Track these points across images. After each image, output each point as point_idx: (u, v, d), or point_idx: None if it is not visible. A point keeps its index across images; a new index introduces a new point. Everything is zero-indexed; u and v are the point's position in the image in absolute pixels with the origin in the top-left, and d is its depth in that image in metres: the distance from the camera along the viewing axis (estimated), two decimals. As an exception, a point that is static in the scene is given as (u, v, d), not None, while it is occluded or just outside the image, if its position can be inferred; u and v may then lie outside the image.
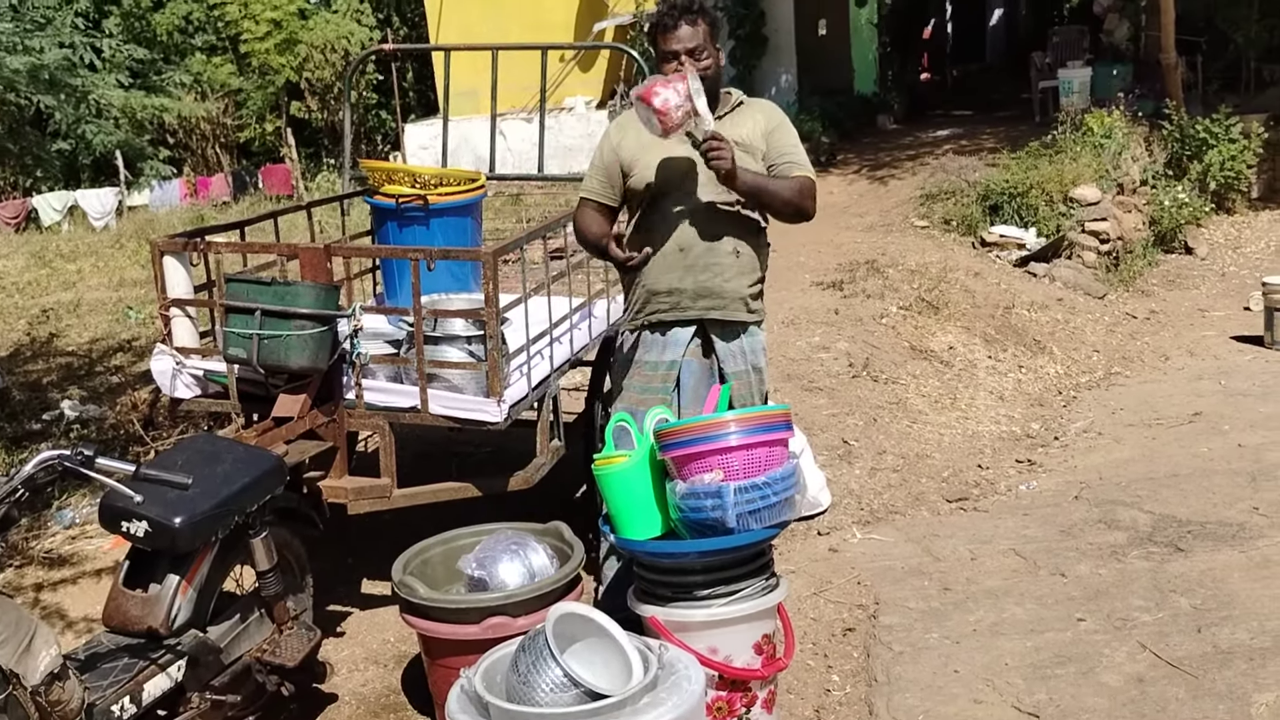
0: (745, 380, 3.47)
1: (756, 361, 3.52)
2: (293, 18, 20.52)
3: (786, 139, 3.44)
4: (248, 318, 3.48)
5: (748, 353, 3.50)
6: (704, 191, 3.37)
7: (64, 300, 10.14)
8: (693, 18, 3.31)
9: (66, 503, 5.00)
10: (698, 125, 3.16)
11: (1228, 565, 3.83)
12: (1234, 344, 7.37)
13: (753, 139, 3.38)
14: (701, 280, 3.39)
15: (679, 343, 3.46)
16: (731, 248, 3.39)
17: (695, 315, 3.43)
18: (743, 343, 3.49)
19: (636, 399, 3.46)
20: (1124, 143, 10.26)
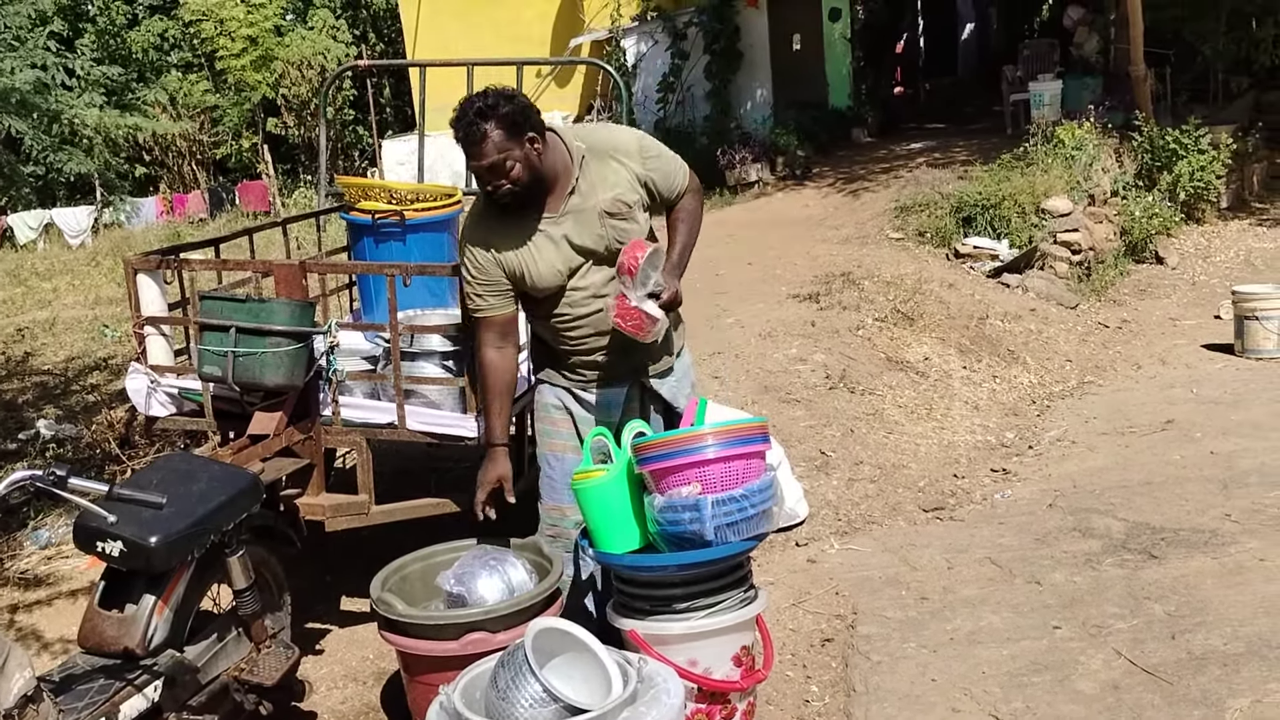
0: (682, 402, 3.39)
1: (690, 377, 3.48)
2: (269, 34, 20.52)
3: (656, 167, 3.19)
4: (223, 335, 3.48)
5: (681, 378, 3.42)
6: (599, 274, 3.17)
7: (39, 319, 10.08)
8: (479, 132, 2.98)
9: (42, 523, 4.96)
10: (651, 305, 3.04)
11: (1201, 572, 3.87)
12: (1205, 352, 7.45)
13: (625, 197, 3.13)
14: (629, 353, 3.26)
15: (614, 404, 3.32)
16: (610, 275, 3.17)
17: (629, 376, 3.33)
18: (676, 372, 3.40)
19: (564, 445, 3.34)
20: (1094, 154, 10.36)
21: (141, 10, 23.20)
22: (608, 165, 3.16)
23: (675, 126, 14.42)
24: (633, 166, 3.17)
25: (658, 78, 14.78)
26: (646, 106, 14.62)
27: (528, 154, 3.02)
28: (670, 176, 3.25)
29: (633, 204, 3.16)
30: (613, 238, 3.14)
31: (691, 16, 14.61)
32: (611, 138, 3.23)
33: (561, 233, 3.13)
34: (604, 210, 3.12)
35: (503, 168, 3.00)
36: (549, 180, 3.10)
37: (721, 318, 7.35)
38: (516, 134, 3.00)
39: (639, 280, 3.01)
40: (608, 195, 3.13)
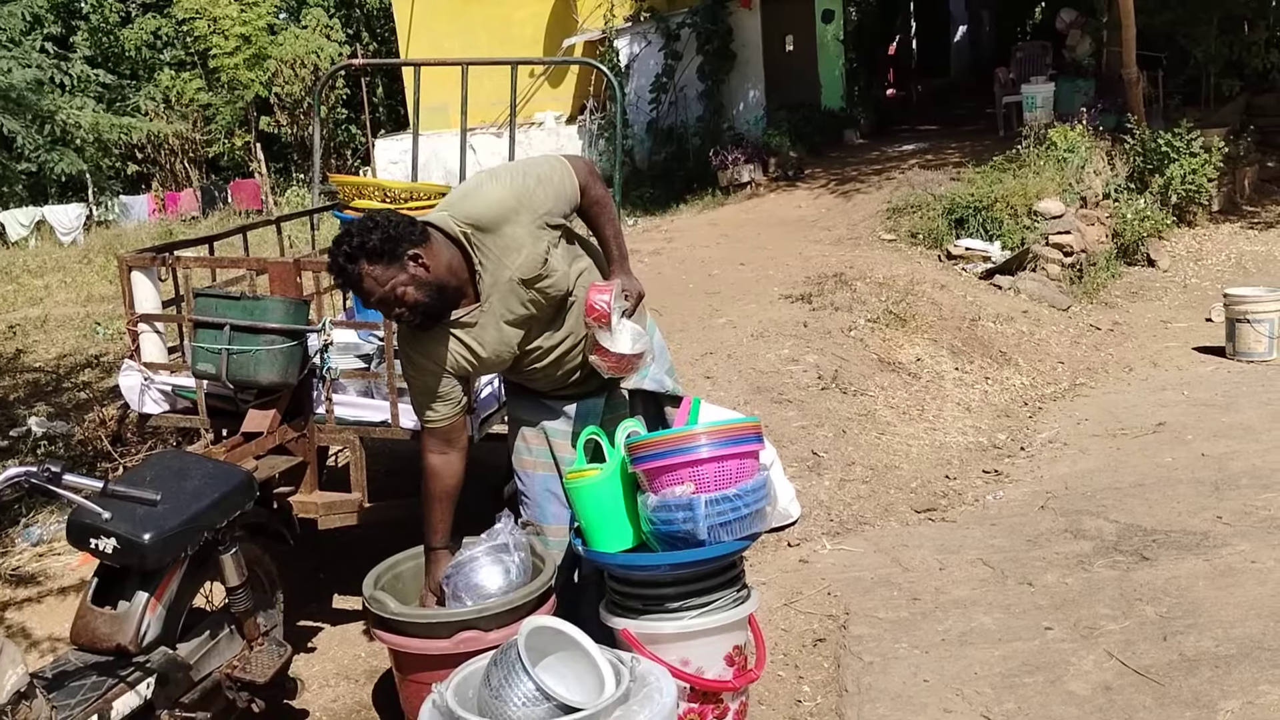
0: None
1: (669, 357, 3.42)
2: (262, 33, 20.50)
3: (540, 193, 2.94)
4: (217, 333, 3.47)
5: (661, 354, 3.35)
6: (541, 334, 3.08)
7: (31, 316, 10.05)
8: (353, 274, 2.80)
9: (33, 520, 4.95)
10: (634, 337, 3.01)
11: (1193, 573, 3.89)
12: (1196, 355, 7.48)
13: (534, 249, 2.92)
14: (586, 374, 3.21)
15: (594, 413, 3.27)
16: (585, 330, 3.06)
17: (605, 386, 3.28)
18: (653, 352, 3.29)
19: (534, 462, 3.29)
20: (1086, 157, 10.41)
21: (135, 8, 23.15)
22: (500, 234, 2.91)
23: (668, 127, 14.45)
24: (524, 219, 2.91)
25: (650, 78, 14.80)
26: (639, 107, 14.64)
27: (414, 274, 2.80)
28: (559, 193, 2.98)
29: (542, 256, 2.94)
30: (540, 299, 3.00)
31: (685, 17, 14.63)
32: (489, 205, 2.91)
33: (492, 315, 2.98)
34: (519, 279, 2.94)
35: (395, 298, 2.82)
36: (452, 282, 2.89)
37: (714, 318, 7.36)
38: (394, 260, 2.78)
39: (615, 325, 2.96)
40: (515, 262, 2.92)
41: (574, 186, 3.02)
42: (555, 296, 3.01)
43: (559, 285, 3.00)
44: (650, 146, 14.74)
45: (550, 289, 2.99)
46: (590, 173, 3.07)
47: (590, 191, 3.05)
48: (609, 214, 3.13)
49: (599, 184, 3.08)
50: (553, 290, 2.99)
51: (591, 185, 3.06)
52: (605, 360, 3.01)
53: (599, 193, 3.08)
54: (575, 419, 3.28)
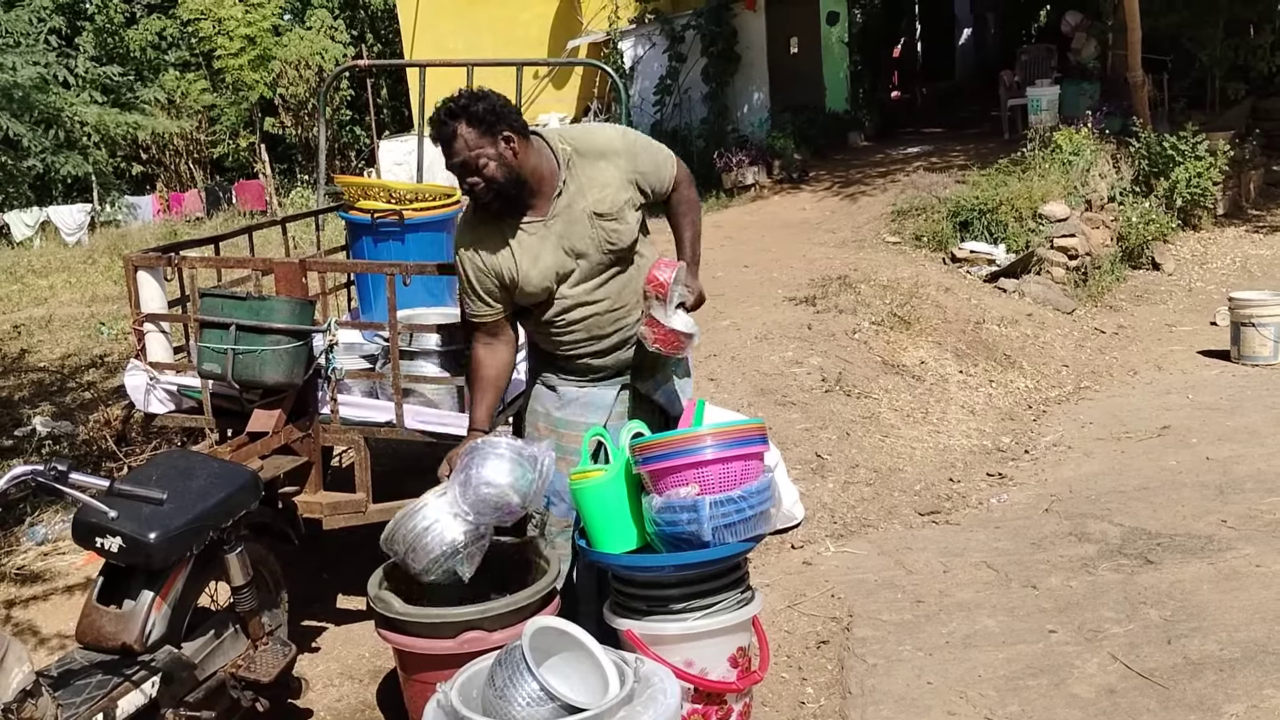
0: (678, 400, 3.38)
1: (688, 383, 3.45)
2: (266, 34, 20.53)
3: (644, 159, 3.15)
4: (222, 333, 3.48)
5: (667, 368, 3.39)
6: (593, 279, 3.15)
7: (36, 316, 10.06)
8: (449, 130, 2.97)
9: (39, 519, 4.96)
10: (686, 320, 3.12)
11: (1197, 577, 3.89)
12: (1201, 358, 7.47)
13: (614, 197, 3.09)
14: (620, 355, 3.27)
15: (603, 405, 3.28)
16: (632, 303, 3.20)
17: (621, 380, 3.31)
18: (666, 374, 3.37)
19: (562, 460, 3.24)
20: (1092, 160, 10.39)
21: (140, 9, 23.20)
22: (595, 166, 3.10)
23: (672, 129, 14.43)
24: (621, 164, 3.12)
25: (655, 80, 14.80)
26: (643, 109, 14.64)
27: (502, 153, 2.97)
28: (659, 169, 3.20)
29: (623, 203, 3.10)
30: (603, 239, 3.10)
31: (689, 19, 14.63)
32: (598, 137, 3.17)
33: (552, 236, 3.08)
34: (594, 212, 3.08)
35: (475, 165, 2.96)
36: (531, 182, 3.04)
37: (718, 320, 7.37)
38: (489, 132, 2.96)
39: (671, 300, 3.04)
40: (597, 196, 3.09)
41: (671, 175, 3.23)
42: (615, 247, 3.11)
43: (624, 237, 3.11)
44: (654, 149, 14.71)
45: (615, 234, 3.10)
46: (689, 179, 3.31)
47: (682, 190, 3.28)
48: (693, 218, 3.34)
49: (693, 191, 3.32)
50: (617, 238, 3.10)
51: (685, 187, 3.29)
52: (654, 332, 3.09)
53: (690, 196, 3.31)
54: (586, 408, 3.29)
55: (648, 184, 3.17)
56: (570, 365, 3.29)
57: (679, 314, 3.11)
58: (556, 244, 3.08)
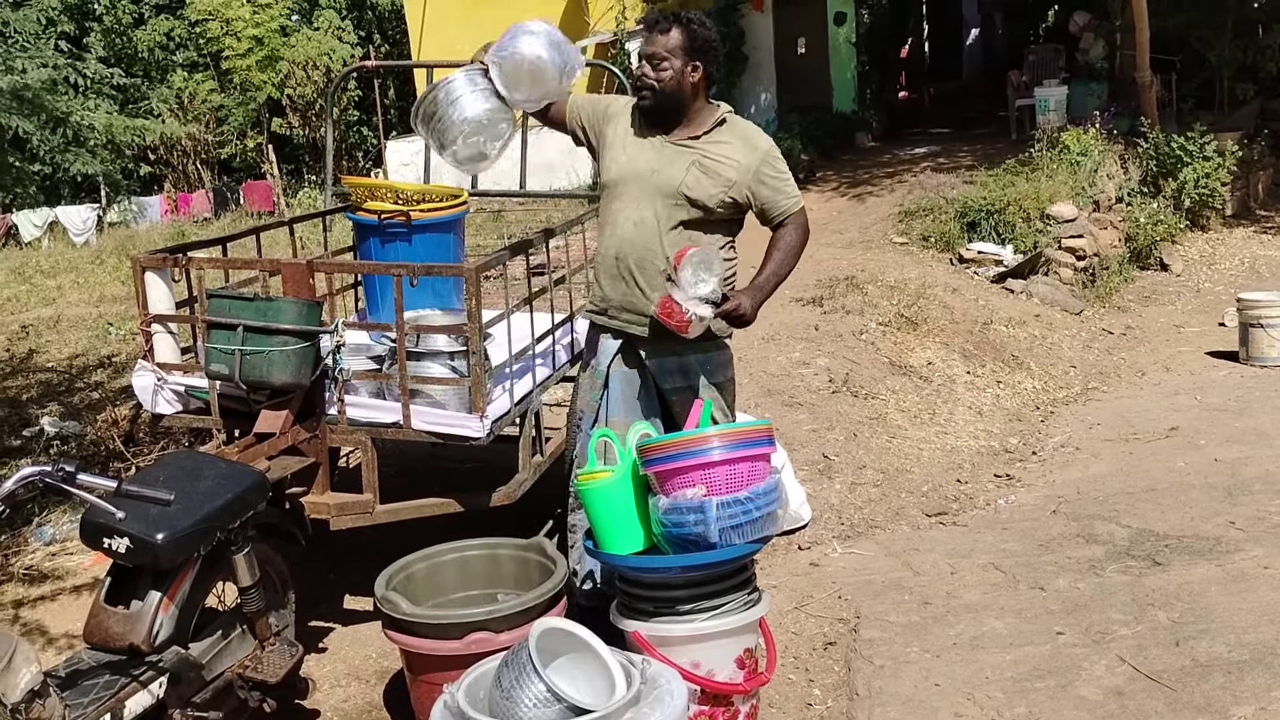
0: (687, 397, 3.43)
1: (711, 378, 3.49)
2: (274, 35, 20.54)
3: (772, 178, 3.37)
4: (230, 334, 3.48)
5: (691, 373, 3.46)
6: (651, 205, 3.35)
7: (44, 316, 10.08)
8: (664, 26, 3.32)
9: (47, 519, 4.97)
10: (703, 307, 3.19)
11: (1205, 579, 3.87)
12: (1209, 359, 7.45)
13: (725, 166, 3.32)
14: (626, 294, 3.42)
15: (607, 352, 3.50)
16: (663, 269, 3.32)
17: (618, 326, 3.48)
18: (682, 361, 3.44)
19: (585, 401, 3.56)
20: (1100, 160, 10.38)
21: (148, 10, 23.24)
22: (734, 137, 3.36)
23: (680, 129, 14.42)
24: (754, 159, 3.34)
25: (662, 81, 14.79)
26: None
27: (683, 71, 3.29)
28: (778, 194, 3.38)
29: (725, 177, 3.31)
30: (681, 180, 3.30)
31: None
32: (755, 131, 3.46)
33: (662, 155, 3.34)
34: (701, 159, 3.31)
35: (658, 61, 3.28)
36: (684, 111, 3.35)
37: (725, 321, 7.36)
38: (690, 51, 3.29)
39: (684, 279, 3.14)
40: (711, 154, 3.32)
41: (786, 210, 3.40)
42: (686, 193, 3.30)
43: (695, 191, 3.30)
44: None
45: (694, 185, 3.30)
46: (801, 228, 3.45)
47: (787, 230, 3.43)
48: (783, 257, 3.43)
49: (797, 239, 3.43)
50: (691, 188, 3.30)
51: (792, 232, 3.42)
52: (659, 303, 3.22)
53: (791, 240, 3.43)
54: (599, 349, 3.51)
55: (759, 195, 3.37)
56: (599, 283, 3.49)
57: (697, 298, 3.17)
58: (655, 158, 3.35)
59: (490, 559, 3.50)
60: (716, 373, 3.52)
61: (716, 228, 3.42)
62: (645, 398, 3.47)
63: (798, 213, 3.43)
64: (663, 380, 3.46)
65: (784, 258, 3.42)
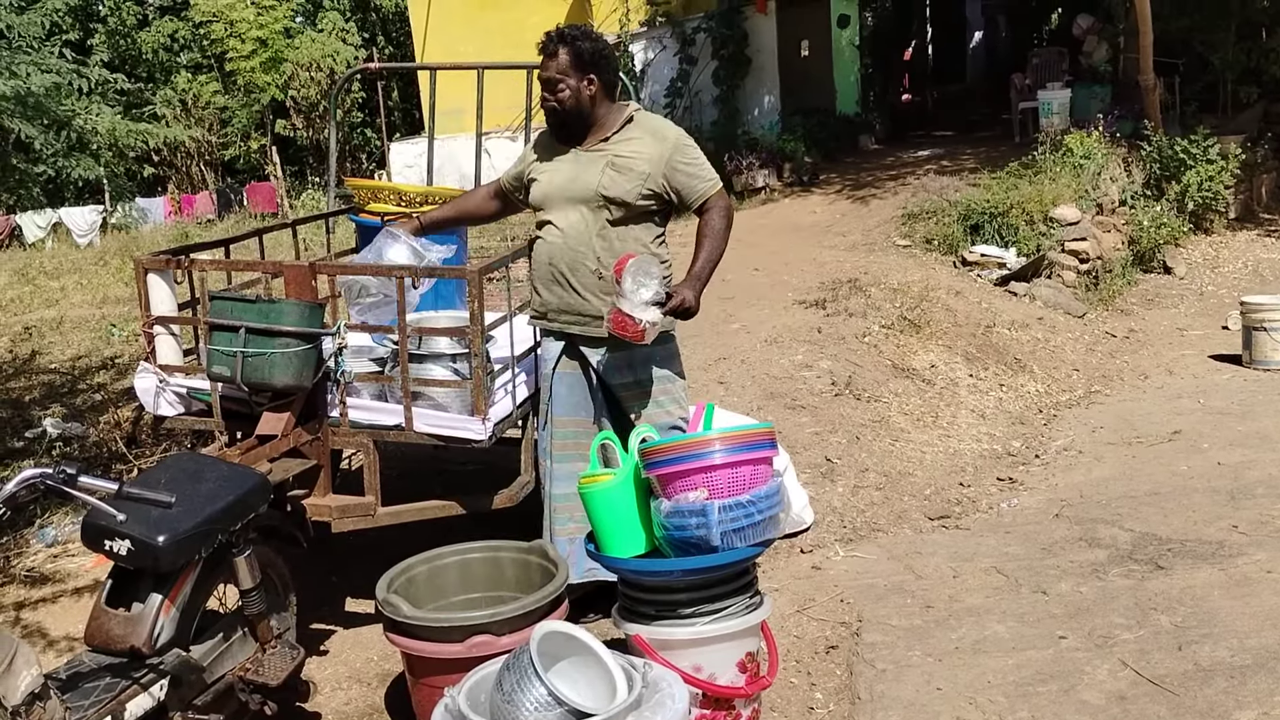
0: (636, 392, 3.59)
1: (656, 372, 3.62)
2: (278, 36, 20.54)
3: (685, 165, 3.50)
4: (232, 335, 3.48)
5: (636, 365, 3.59)
6: (576, 211, 3.52)
7: (47, 317, 10.09)
8: (551, 49, 3.50)
9: (48, 521, 4.97)
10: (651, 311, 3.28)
11: (1208, 583, 3.86)
12: (1213, 363, 7.44)
13: (636, 160, 3.47)
14: (563, 296, 3.57)
15: (550, 356, 3.66)
16: (594, 268, 3.49)
17: (559, 328, 3.62)
18: (628, 354, 3.57)
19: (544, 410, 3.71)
20: (1103, 163, 10.36)
21: (152, 11, 23.27)
22: (642, 132, 3.52)
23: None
24: (665, 149, 3.49)
25: (665, 83, 14.80)
26: (654, 111, 14.60)
27: (579, 89, 3.47)
28: (694, 179, 3.51)
29: (639, 171, 3.45)
30: (600, 181, 3.46)
31: (700, 22, 14.63)
32: (663, 122, 3.62)
33: (578, 164, 3.53)
34: (612, 158, 3.48)
35: (554, 85, 3.47)
36: (590, 121, 3.53)
37: (727, 323, 7.36)
38: (580, 68, 3.47)
39: (626, 289, 3.21)
40: (623, 151, 3.48)
41: (704, 194, 3.51)
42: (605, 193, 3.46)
43: (614, 189, 3.45)
44: (664, 151, 14.71)
45: (612, 182, 3.46)
46: (723, 211, 3.54)
47: (712, 216, 3.52)
48: (713, 244, 3.51)
49: (723, 223, 3.52)
50: (610, 186, 3.46)
51: (716, 216, 3.52)
52: (611, 318, 3.30)
53: (716, 224, 3.52)
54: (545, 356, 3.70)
55: (674, 182, 3.50)
56: (535, 300, 3.68)
57: (642, 304, 3.24)
58: (571, 170, 3.53)
59: (492, 562, 3.50)
60: (664, 365, 3.65)
61: (644, 220, 3.55)
62: (591, 395, 3.64)
63: (717, 194, 3.54)
64: (610, 377, 3.60)
65: (713, 243, 3.51)
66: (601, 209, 3.49)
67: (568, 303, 3.57)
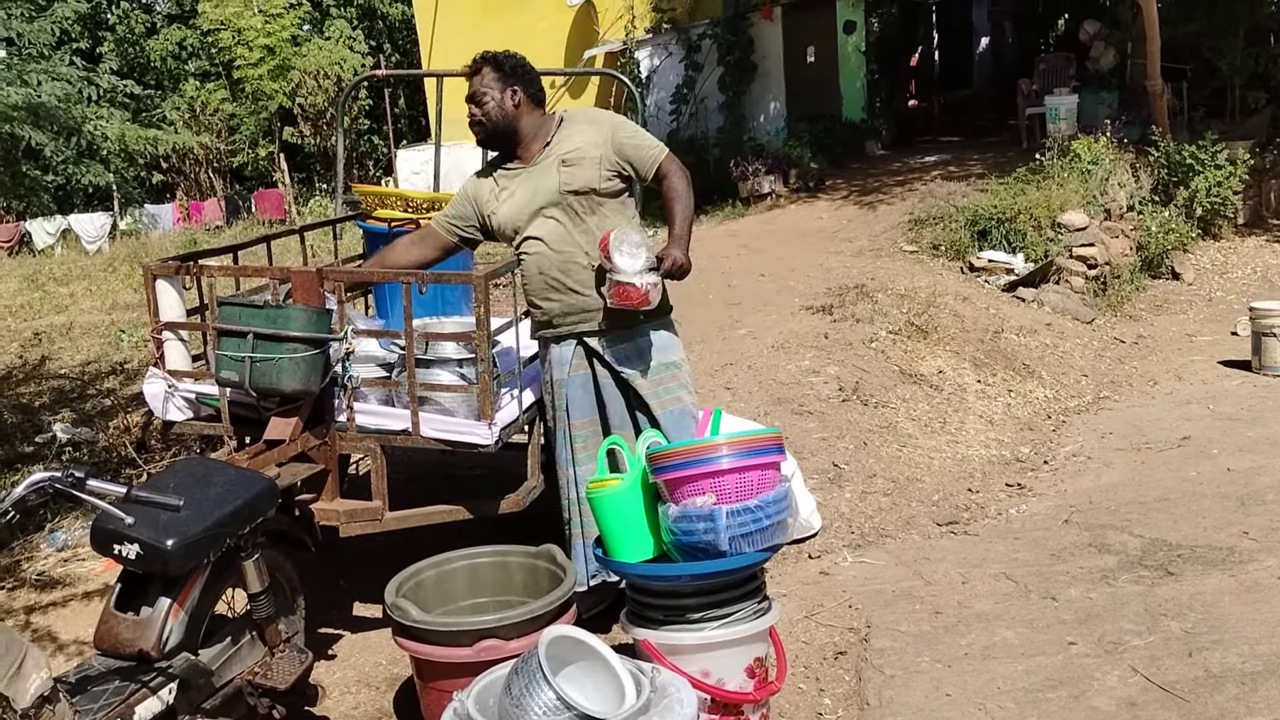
0: (652, 380, 3.62)
1: (664, 358, 3.66)
2: (286, 44, 20.63)
3: (629, 137, 3.60)
4: (240, 341, 3.49)
5: (645, 352, 3.63)
6: (550, 219, 3.57)
7: (56, 323, 10.14)
8: (475, 68, 3.65)
9: (58, 525, 4.98)
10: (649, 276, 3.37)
11: (1218, 589, 3.85)
12: (1222, 369, 7.41)
13: (584, 149, 3.56)
14: (564, 300, 3.59)
15: (563, 360, 3.67)
16: (585, 261, 3.55)
17: (567, 331, 3.64)
18: (636, 344, 3.62)
19: (551, 415, 3.74)
20: (1111, 169, 10.34)
21: (160, 19, 23.39)
22: (579, 128, 3.62)
23: (689, 138, 14.43)
24: (603, 131, 3.58)
25: (671, 90, 14.81)
26: (660, 118, 14.65)
27: (503, 100, 3.59)
28: (641, 149, 3.58)
29: (590, 157, 3.53)
30: (562, 180, 3.53)
31: (706, 29, 14.64)
32: (592, 110, 3.71)
33: (530, 180, 3.59)
34: (561, 158, 3.55)
35: (479, 98, 3.59)
36: (522, 136, 3.62)
37: (734, 328, 7.36)
38: (501, 81, 3.61)
39: (619, 263, 3.31)
40: (569, 146, 3.57)
41: (655, 159, 3.58)
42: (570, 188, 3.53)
43: (577, 179, 3.53)
44: (671, 157, 14.74)
45: (572, 176, 3.53)
46: (680, 172, 3.60)
47: (671, 179, 3.58)
48: (683, 203, 3.57)
49: (683, 183, 3.58)
50: (572, 179, 3.53)
51: (675, 178, 3.58)
52: (609, 289, 3.38)
53: (678, 186, 3.58)
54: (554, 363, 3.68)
55: (626, 156, 3.58)
56: (534, 310, 3.69)
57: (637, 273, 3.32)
58: (527, 184, 3.59)
59: (500, 566, 3.50)
60: (667, 351, 3.68)
61: (613, 200, 3.62)
62: (598, 391, 3.66)
63: (667, 158, 3.61)
64: (622, 366, 3.62)
65: (683, 203, 3.57)
66: (572, 206, 3.55)
67: (569, 304, 3.59)
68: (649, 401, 3.60)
